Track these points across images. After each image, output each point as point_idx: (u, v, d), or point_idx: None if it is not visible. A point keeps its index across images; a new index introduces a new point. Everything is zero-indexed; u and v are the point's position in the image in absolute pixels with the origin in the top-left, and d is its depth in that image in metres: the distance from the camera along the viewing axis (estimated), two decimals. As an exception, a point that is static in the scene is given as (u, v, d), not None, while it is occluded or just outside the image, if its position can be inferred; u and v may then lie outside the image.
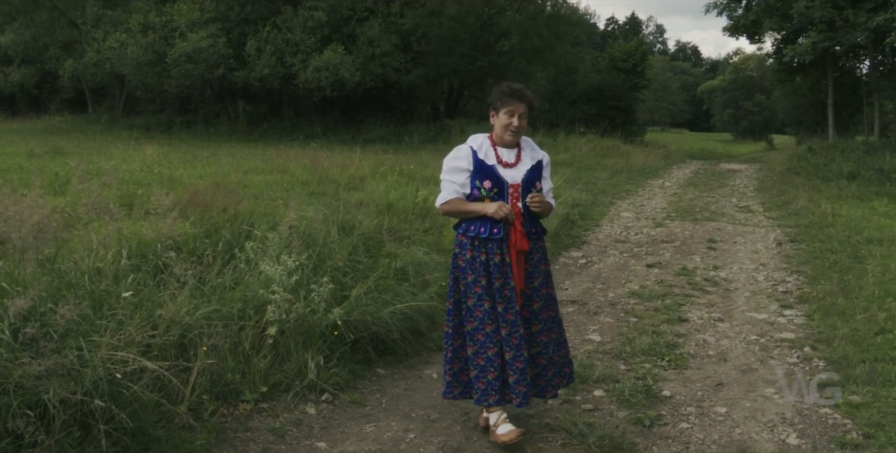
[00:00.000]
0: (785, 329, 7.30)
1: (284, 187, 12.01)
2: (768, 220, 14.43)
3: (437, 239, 8.91)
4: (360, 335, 5.78)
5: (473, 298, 4.59)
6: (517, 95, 4.63)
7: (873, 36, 26.07)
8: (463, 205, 4.60)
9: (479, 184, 4.57)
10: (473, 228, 4.58)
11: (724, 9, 32.14)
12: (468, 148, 4.67)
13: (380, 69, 30.66)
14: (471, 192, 4.59)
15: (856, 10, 25.51)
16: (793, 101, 44.27)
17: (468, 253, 4.60)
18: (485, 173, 4.57)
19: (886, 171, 20.98)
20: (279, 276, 5.45)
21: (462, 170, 4.62)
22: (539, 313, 4.69)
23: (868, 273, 8.84)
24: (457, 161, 4.66)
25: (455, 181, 4.63)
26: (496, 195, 4.56)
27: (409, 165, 14.86)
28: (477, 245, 4.57)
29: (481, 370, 4.58)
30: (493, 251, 4.54)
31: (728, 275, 9.56)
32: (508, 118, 4.61)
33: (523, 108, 4.64)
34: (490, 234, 4.53)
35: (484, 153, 4.63)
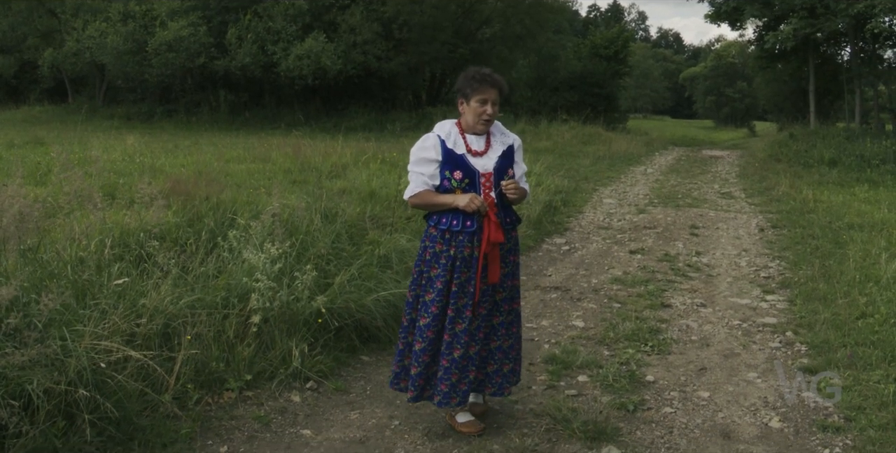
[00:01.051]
0: (767, 314, 7.35)
1: (267, 176, 11.99)
2: (750, 206, 14.50)
3: (420, 226, 8.89)
4: (344, 322, 5.78)
5: (433, 293, 4.43)
6: (489, 81, 4.39)
7: (854, 22, 26.15)
8: (433, 198, 4.39)
9: (449, 174, 4.37)
10: (445, 221, 4.39)
11: (707, -5, 32.20)
12: (435, 137, 4.44)
13: (361, 57, 30.56)
14: (440, 184, 4.40)
15: (837, -4, 25.63)
16: (774, 87, 44.40)
17: (437, 246, 4.43)
18: (454, 163, 4.37)
19: (867, 158, 21.14)
20: (262, 264, 5.44)
21: (430, 160, 4.39)
22: (502, 304, 4.57)
23: (849, 258, 8.90)
24: (424, 151, 4.41)
25: (423, 172, 4.39)
26: (468, 186, 4.37)
27: (391, 153, 14.83)
28: (447, 238, 4.40)
29: (425, 367, 4.47)
30: (464, 244, 4.37)
31: (710, 261, 9.61)
32: (481, 106, 4.38)
33: (495, 94, 4.40)
34: (462, 227, 4.35)
35: (452, 142, 4.41)
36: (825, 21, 26.13)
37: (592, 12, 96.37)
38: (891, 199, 14.53)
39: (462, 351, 4.42)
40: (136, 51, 31.34)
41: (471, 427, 4.62)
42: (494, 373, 4.62)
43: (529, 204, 11.08)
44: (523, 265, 9.20)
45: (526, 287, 8.10)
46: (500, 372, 4.63)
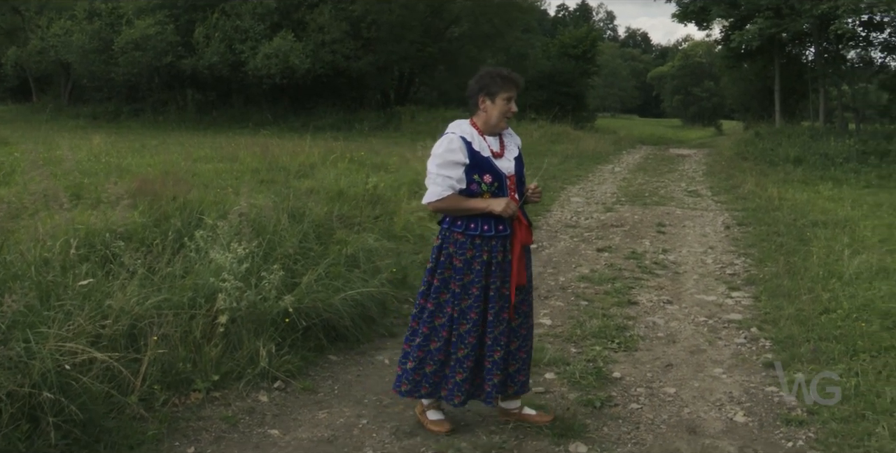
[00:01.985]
0: (732, 310, 7.42)
1: (234, 175, 11.93)
2: (717, 204, 14.63)
3: (388, 225, 8.92)
4: (312, 322, 5.76)
5: (470, 299, 4.37)
6: (513, 80, 4.39)
7: (818, 23, 26.45)
8: (463, 203, 4.29)
9: (478, 178, 4.30)
10: (475, 226, 4.31)
11: (674, -5, 32.43)
12: (460, 139, 4.32)
13: (330, 56, 30.51)
14: (468, 188, 4.31)
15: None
16: (741, 87, 44.76)
17: (468, 252, 4.34)
18: (482, 167, 4.31)
19: (831, 156, 21.42)
20: (229, 264, 5.42)
21: (459, 163, 4.28)
22: (519, 306, 4.54)
23: (813, 255, 9.00)
24: (452, 154, 4.28)
25: (451, 176, 4.27)
26: (496, 189, 4.33)
27: (359, 152, 14.84)
28: (478, 244, 4.33)
29: (470, 373, 4.46)
30: (497, 249, 4.34)
31: (677, 259, 9.69)
32: (506, 104, 4.36)
33: (515, 91, 4.41)
34: (496, 232, 4.32)
35: (478, 144, 4.34)
36: (790, 21, 26.41)
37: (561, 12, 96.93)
38: (854, 197, 14.73)
39: (502, 353, 4.46)
40: (103, 49, 31.06)
41: (439, 426, 4.63)
42: (516, 373, 4.61)
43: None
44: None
45: (493, 286, 8.11)
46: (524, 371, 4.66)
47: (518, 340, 4.57)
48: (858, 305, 6.87)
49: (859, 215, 12.10)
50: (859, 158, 21.17)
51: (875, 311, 6.67)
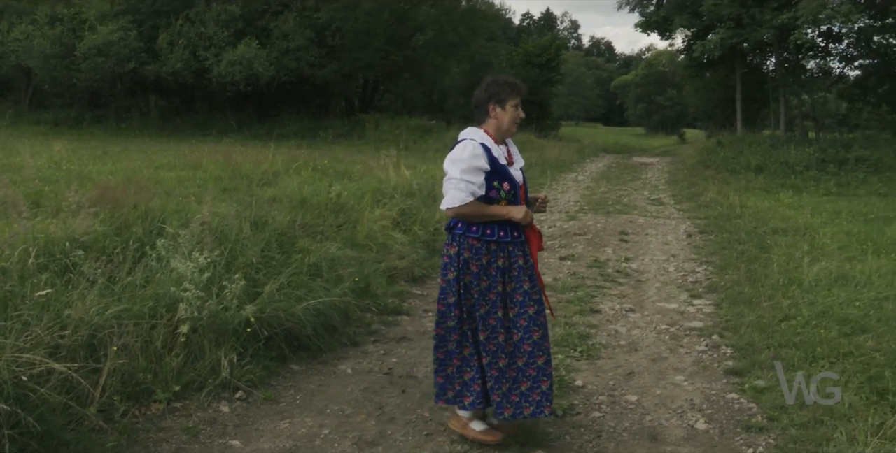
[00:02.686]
0: (694, 318, 7.48)
1: (197, 183, 11.87)
2: (679, 212, 14.75)
3: (351, 234, 8.89)
4: (274, 331, 5.73)
5: (487, 305, 4.41)
6: (519, 87, 4.47)
7: (778, 33, 26.83)
8: (485, 209, 4.31)
9: (497, 185, 4.33)
10: (491, 232, 4.36)
11: (637, 5, 32.77)
12: (479, 145, 4.33)
13: (294, 63, 30.47)
14: (486, 194, 4.32)
15: (762, 8, 26.29)
16: (703, 95, 45.24)
17: (483, 257, 4.37)
18: (502, 174, 4.35)
19: (791, 164, 21.69)
20: (191, 274, 5.38)
21: (481, 170, 4.28)
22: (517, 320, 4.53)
23: (773, 262, 9.08)
24: (477, 160, 4.27)
25: (474, 182, 4.26)
26: (512, 197, 4.38)
27: (323, 160, 14.81)
28: (494, 249, 4.37)
29: (495, 380, 4.44)
30: (516, 254, 4.41)
31: (639, 267, 9.75)
32: (516, 110, 4.43)
33: (520, 99, 4.49)
34: (512, 238, 4.38)
35: (496, 152, 4.37)
36: (751, 31, 26.73)
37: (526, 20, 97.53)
38: (813, 204, 14.91)
39: (546, 358, 4.49)
40: (64, 55, 30.75)
41: (490, 435, 4.61)
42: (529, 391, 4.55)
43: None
44: (454, 272, 9.23)
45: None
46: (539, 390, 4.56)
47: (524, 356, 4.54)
48: (817, 312, 6.93)
49: (819, 222, 12.24)
50: (819, 166, 21.45)
51: (834, 318, 6.73)
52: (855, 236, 10.82)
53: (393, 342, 6.51)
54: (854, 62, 31.57)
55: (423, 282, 8.58)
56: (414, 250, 9.17)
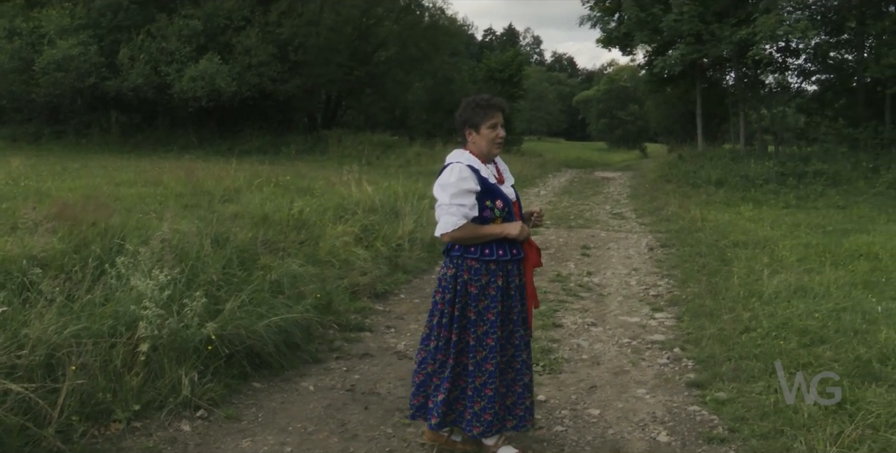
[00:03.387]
0: (656, 331, 7.55)
1: (158, 200, 11.78)
2: (641, 226, 14.87)
3: (313, 250, 8.87)
4: (235, 349, 5.70)
5: (485, 326, 4.39)
6: (494, 105, 4.42)
7: (737, 49, 27.20)
8: (479, 230, 4.32)
9: (490, 204, 4.35)
10: (489, 251, 4.36)
11: (598, 21, 33.01)
12: (468, 168, 4.34)
13: (256, 79, 30.35)
14: (480, 214, 4.33)
15: (721, 24, 26.67)
16: (664, 110, 45.75)
17: (483, 278, 4.36)
18: (493, 193, 4.37)
19: (751, 178, 22.00)
20: (151, 291, 5.35)
21: (471, 192, 4.29)
22: None
23: (734, 275, 9.18)
24: (465, 183, 4.28)
25: (465, 204, 4.27)
26: (507, 214, 4.40)
27: (285, 176, 14.77)
28: (493, 269, 4.37)
29: (489, 401, 4.42)
30: (514, 273, 4.42)
31: (601, 281, 9.81)
32: (493, 131, 4.40)
33: (501, 116, 4.44)
34: (511, 256, 4.39)
35: (485, 172, 4.39)
36: (711, 47, 27.12)
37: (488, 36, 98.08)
38: (773, 217, 15.10)
39: (531, 375, 4.52)
40: (23, 69, 30.36)
41: None
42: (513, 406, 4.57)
43: (423, 226, 11.16)
44: (417, 287, 9.25)
45: (419, 310, 8.14)
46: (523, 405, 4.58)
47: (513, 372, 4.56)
48: (777, 324, 7.02)
49: (778, 235, 12.40)
50: (778, 180, 21.76)
51: (793, 329, 6.82)
52: (813, 248, 10.97)
53: (355, 358, 6.50)
54: (811, 77, 32.14)
55: (385, 299, 8.58)
56: (376, 266, 9.17)
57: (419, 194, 12.92)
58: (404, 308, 8.26)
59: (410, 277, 9.63)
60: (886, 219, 15.21)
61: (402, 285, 9.20)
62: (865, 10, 27.48)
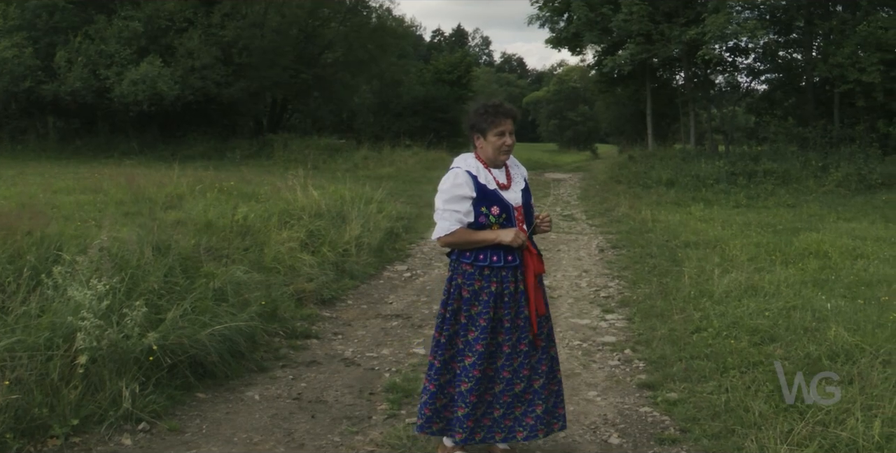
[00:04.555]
0: (607, 333, 7.61)
1: (97, 207, 11.64)
2: (591, 228, 14.99)
3: (258, 257, 8.82)
4: (178, 359, 5.65)
5: (476, 331, 4.40)
6: (504, 112, 4.43)
7: (687, 49, 27.63)
8: (471, 235, 4.36)
9: (486, 210, 4.37)
10: (483, 257, 4.38)
11: (547, 21, 33.20)
12: (466, 173, 4.40)
13: (200, 82, 30.03)
14: (476, 220, 4.37)
15: (670, 24, 27.06)
16: (614, 111, 46.22)
17: (476, 283, 4.40)
18: (490, 199, 4.38)
19: (702, 178, 22.29)
20: (89, 302, 5.27)
21: (465, 197, 4.36)
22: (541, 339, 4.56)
23: (685, 275, 9.29)
24: (459, 189, 4.36)
25: (458, 210, 4.35)
26: (505, 221, 4.40)
27: (229, 182, 14.67)
28: (487, 274, 4.39)
29: (472, 407, 4.44)
30: (508, 279, 4.40)
31: (552, 283, 9.86)
32: (500, 138, 4.41)
33: (510, 123, 4.43)
34: (505, 262, 4.38)
35: (483, 177, 4.41)
36: (660, 47, 27.49)
37: (437, 37, 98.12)
38: (724, 217, 15.32)
39: (523, 386, 4.46)
40: (-46, 73, 29.77)
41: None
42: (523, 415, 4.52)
43: (370, 231, 11.15)
44: (364, 293, 9.24)
45: (367, 316, 8.14)
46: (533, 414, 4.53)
47: (541, 378, 4.53)
48: (728, 323, 7.13)
49: (729, 235, 12.58)
50: (729, 179, 22.08)
51: (744, 328, 6.93)
52: (764, 247, 11.17)
53: (302, 366, 6.47)
54: (761, 76, 32.74)
55: (332, 305, 8.56)
56: (323, 272, 9.14)
57: (366, 198, 12.91)
58: (351, 314, 8.24)
59: (357, 283, 9.62)
60: (836, 217, 15.52)
61: (349, 291, 9.19)
62: (813, 10, 28.05)
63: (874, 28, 24.76)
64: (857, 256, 10.54)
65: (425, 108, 38.96)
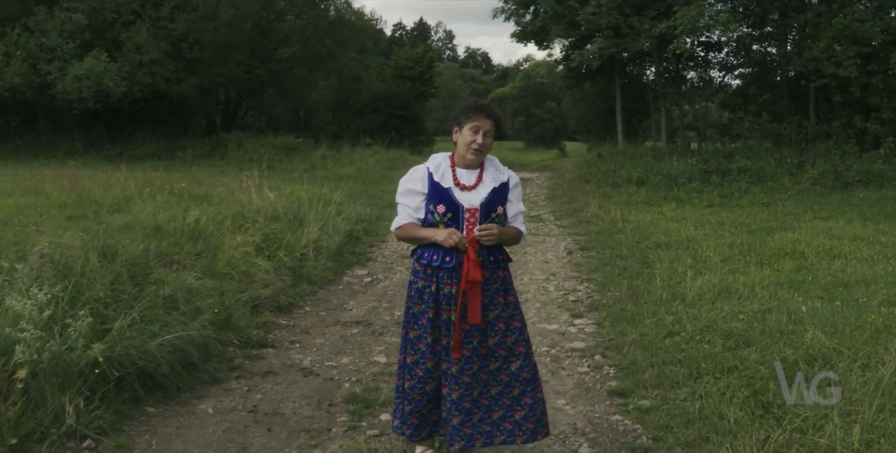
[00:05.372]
0: (576, 338, 7.63)
1: (38, 211, 11.51)
2: (559, 229, 15.04)
3: (211, 262, 8.76)
4: (126, 371, 5.59)
5: (418, 330, 4.52)
6: (484, 110, 4.49)
7: (658, 43, 27.77)
8: (415, 231, 4.50)
9: (432, 208, 4.44)
10: (427, 255, 4.48)
11: (513, 14, 33.29)
12: (425, 169, 4.55)
13: (148, 78, 29.77)
14: (424, 217, 4.48)
15: (640, 17, 27.23)
16: (583, 107, 46.41)
17: (420, 281, 4.52)
18: (439, 197, 4.44)
19: (674, 176, 22.43)
20: (29, 312, 5.20)
21: (416, 192, 4.50)
22: (496, 349, 4.53)
23: (656, 277, 9.36)
24: (411, 183, 4.53)
25: (409, 204, 4.52)
26: (450, 221, 4.42)
27: (180, 183, 14.57)
28: (429, 274, 4.48)
29: (416, 404, 4.56)
30: (444, 281, 4.44)
31: (518, 287, 9.84)
32: (472, 135, 4.45)
33: (489, 124, 4.48)
34: (441, 263, 4.42)
35: (441, 174, 4.49)
36: (630, 41, 27.65)
37: (398, 31, 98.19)
38: (696, 217, 15.42)
39: (459, 393, 4.45)
40: None
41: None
42: (501, 420, 4.56)
43: (329, 234, 11.11)
44: (323, 299, 9.20)
45: (325, 323, 8.11)
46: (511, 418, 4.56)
47: (499, 386, 4.55)
48: (701, 327, 7.18)
49: (702, 235, 12.67)
50: (702, 178, 22.26)
51: (718, 332, 6.98)
52: (738, 248, 11.26)
53: (257, 377, 6.43)
54: (734, 71, 32.99)
55: (289, 312, 8.52)
56: (279, 277, 9.10)
57: (324, 200, 12.88)
58: (310, 321, 8.21)
59: (316, 289, 9.58)
60: (812, 216, 15.66)
61: (307, 297, 9.16)
62: (788, 2, 28.35)
63: (850, 21, 25.08)
64: (835, 256, 10.65)
65: (386, 106, 38.83)
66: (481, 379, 4.52)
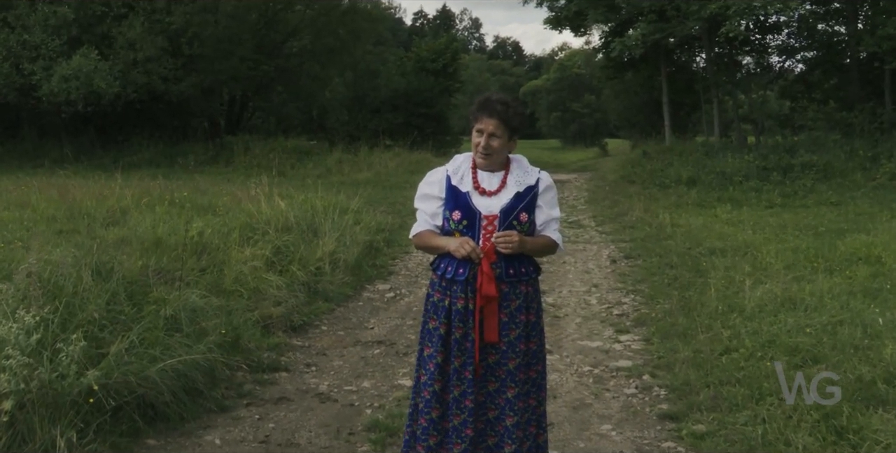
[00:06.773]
0: (621, 356, 7.62)
1: (24, 226, 11.59)
2: (601, 236, 15.03)
3: (217, 278, 8.81)
4: (124, 400, 5.63)
5: (431, 347, 4.49)
6: (486, 109, 4.40)
7: (708, 26, 27.53)
8: (429, 239, 4.50)
9: (448, 214, 4.45)
10: (443, 266, 4.46)
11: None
12: (443, 171, 4.56)
13: (144, 78, 29.89)
14: (443, 224, 4.48)
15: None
16: (625, 100, 46.31)
17: (436, 295, 4.51)
18: (455, 202, 4.43)
19: (728, 175, 22.30)
20: (15, 337, 5.25)
21: (433, 197, 4.52)
22: (516, 373, 4.43)
23: (710, 287, 9.31)
24: (428, 187, 4.55)
25: (426, 210, 4.54)
26: (465, 229, 4.39)
27: (182, 192, 14.65)
28: (444, 286, 4.46)
29: (423, 431, 4.49)
30: (457, 295, 4.40)
31: (557, 301, 9.87)
32: (477, 137, 4.42)
33: (493, 124, 4.37)
34: (455, 275, 4.39)
35: (459, 178, 4.48)
36: (677, 25, 27.41)
37: (419, 20, 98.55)
38: (755, 219, 15.36)
39: (462, 418, 4.41)
40: None
41: None
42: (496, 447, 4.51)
43: (346, 246, 11.13)
44: (341, 317, 9.22)
45: (344, 343, 8.13)
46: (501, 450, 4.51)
47: (515, 416, 4.45)
48: (763, 342, 7.14)
49: (761, 239, 12.61)
50: (760, 175, 22.13)
51: (781, 348, 6.93)
52: (803, 253, 11.18)
53: (269, 404, 6.46)
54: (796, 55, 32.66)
55: (304, 332, 8.55)
56: (292, 294, 9.13)
57: (341, 208, 12.91)
58: (326, 342, 8.23)
59: (333, 306, 9.62)
60: (889, 215, 15.50)
61: (323, 315, 9.19)
62: (858, -28, 27.98)
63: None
64: (916, 261, 10.54)
65: (407, 103, 38.86)
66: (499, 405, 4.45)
